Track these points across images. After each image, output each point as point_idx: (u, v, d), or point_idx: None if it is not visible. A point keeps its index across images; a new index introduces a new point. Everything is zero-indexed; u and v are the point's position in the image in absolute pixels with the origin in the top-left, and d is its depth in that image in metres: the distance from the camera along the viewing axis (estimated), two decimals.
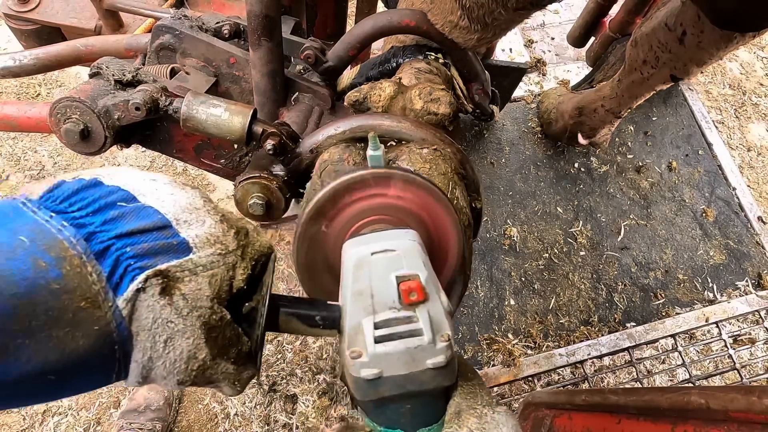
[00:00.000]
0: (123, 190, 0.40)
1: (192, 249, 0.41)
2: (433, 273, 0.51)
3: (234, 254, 0.43)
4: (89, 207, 0.38)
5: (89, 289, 0.35)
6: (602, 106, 1.80)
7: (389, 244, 0.51)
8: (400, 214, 0.61)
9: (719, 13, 1.16)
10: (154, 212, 0.40)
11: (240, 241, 0.45)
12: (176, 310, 0.39)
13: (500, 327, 1.86)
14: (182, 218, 0.41)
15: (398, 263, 0.49)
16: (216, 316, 0.41)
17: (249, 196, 0.79)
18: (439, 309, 0.48)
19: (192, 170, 2.08)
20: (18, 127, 0.99)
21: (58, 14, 1.35)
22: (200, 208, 0.43)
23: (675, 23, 1.29)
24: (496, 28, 0.93)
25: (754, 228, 2.14)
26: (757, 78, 2.61)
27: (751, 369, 1.91)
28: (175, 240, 0.40)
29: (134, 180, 0.42)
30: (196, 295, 0.40)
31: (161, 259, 0.39)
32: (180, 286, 0.39)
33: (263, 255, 0.48)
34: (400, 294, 0.47)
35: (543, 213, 2.07)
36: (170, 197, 0.42)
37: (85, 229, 0.37)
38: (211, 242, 0.42)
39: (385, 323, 0.46)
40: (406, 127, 0.78)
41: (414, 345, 0.45)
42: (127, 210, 0.39)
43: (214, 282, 0.41)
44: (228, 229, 0.44)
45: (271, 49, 0.85)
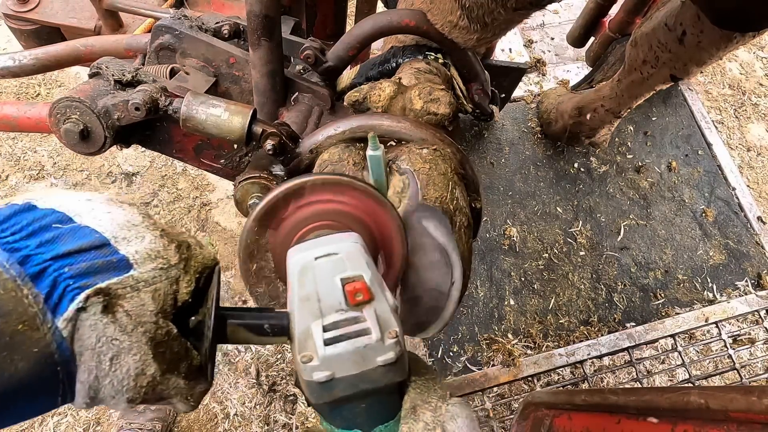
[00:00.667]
0: (58, 211, 0.40)
1: (132, 265, 0.40)
2: (377, 272, 0.52)
3: (176, 268, 0.43)
4: (23, 231, 0.38)
5: (25, 311, 0.34)
6: (602, 106, 1.80)
7: (332, 248, 0.52)
8: (342, 219, 0.61)
9: (719, 12, 1.16)
10: (91, 231, 0.40)
11: (182, 254, 0.44)
12: (120, 327, 0.38)
13: (500, 327, 1.86)
14: (120, 235, 0.41)
15: (342, 266, 0.50)
16: (162, 330, 0.41)
17: (249, 196, 0.79)
18: (385, 307, 0.48)
19: (192, 170, 2.08)
20: (18, 127, 0.99)
21: (58, 14, 1.35)
22: (139, 224, 0.43)
23: (675, 23, 1.30)
24: (496, 28, 0.93)
25: (753, 228, 2.14)
26: (756, 78, 2.61)
27: (750, 369, 1.91)
28: (115, 257, 0.40)
29: (69, 201, 0.41)
30: (139, 311, 0.40)
31: (101, 277, 0.38)
32: (122, 302, 0.39)
33: (207, 268, 0.48)
34: (345, 295, 0.48)
35: (543, 213, 2.07)
36: (107, 216, 0.42)
37: (19, 252, 0.36)
38: (152, 257, 0.42)
39: (333, 325, 0.46)
40: (405, 127, 0.78)
41: (363, 344, 0.46)
42: (63, 231, 0.39)
43: (158, 296, 0.41)
44: (169, 243, 0.44)
45: (270, 49, 0.85)
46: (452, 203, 0.73)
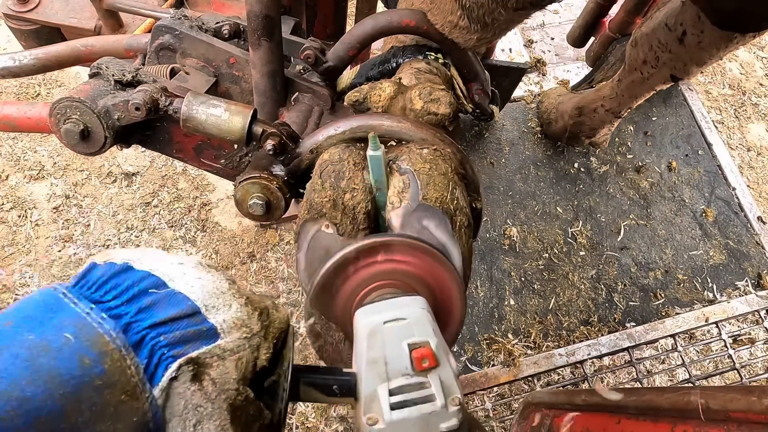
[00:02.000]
0: (153, 275, 0.42)
1: (220, 334, 0.42)
2: (442, 339, 0.53)
3: (258, 336, 0.45)
4: (123, 295, 0.40)
5: (128, 381, 0.37)
6: (602, 106, 1.80)
7: (400, 312, 0.53)
8: (406, 279, 0.63)
9: (719, 13, 1.16)
10: (184, 298, 0.42)
11: (263, 322, 0.47)
12: (205, 395, 0.40)
13: (500, 327, 1.86)
14: (210, 303, 0.43)
15: (409, 331, 0.52)
16: (241, 396, 0.43)
17: (249, 196, 0.79)
18: (449, 373, 0.50)
19: (192, 170, 2.08)
20: (18, 127, 0.99)
21: (58, 14, 1.35)
22: (226, 292, 0.45)
23: (675, 23, 1.30)
24: (496, 28, 0.93)
25: (753, 228, 2.14)
26: (756, 78, 2.61)
27: (750, 369, 1.91)
28: (205, 326, 0.42)
29: (163, 264, 0.43)
30: (223, 379, 0.42)
31: (192, 347, 0.41)
32: (209, 371, 0.41)
33: (283, 331, 0.50)
34: (412, 361, 0.49)
35: (543, 213, 2.07)
36: (198, 282, 0.44)
37: (122, 320, 0.39)
38: (238, 326, 0.44)
39: (399, 390, 0.48)
40: (406, 128, 0.78)
41: (428, 411, 0.47)
42: (159, 297, 0.41)
43: (240, 365, 0.43)
44: (252, 311, 0.46)
45: (271, 49, 0.85)
46: (452, 203, 0.73)
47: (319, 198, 0.73)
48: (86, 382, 0.35)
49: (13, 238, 1.90)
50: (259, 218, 0.81)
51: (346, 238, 0.73)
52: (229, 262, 1.95)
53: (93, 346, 0.36)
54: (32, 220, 1.94)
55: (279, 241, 1.96)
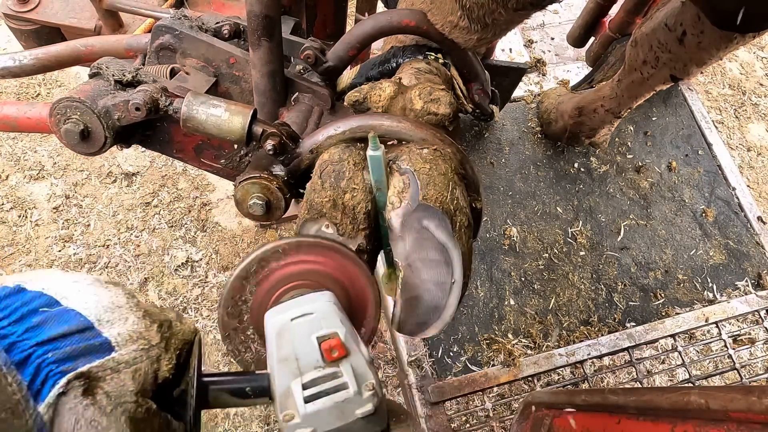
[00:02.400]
0: (45, 294, 0.42)
1: (114, 348, 0.42)
2: (351, 328, 0.54)
3: (158, 347, 0.45)
4: (11, 316, 0.39)
5: (9, 399, 0.36)
6: (602, 106, 1.80)
7: (307, 308, 0.55)
8: (316, 278, 0.64)
9: (719, 13, 1.16)
10: (76, 315, 0.41)
11: (163, 334, 0.46)
12: (100, 409, 0.39)
13: (500, 327, 1.86)
14: (104, 318, 0.43)
15: (317, 324, 0.53)
16: (141, 408, 0.42)
17: (249, 196, 0.79)
18: (360, 361, 0.51)
19: (192, 170, 2.08)
20: (18, 127, 0.99)
21: (58, 14, 1.35)
22: (123, 306, 0.45)
23: (675, 23, 1.30)
24: (496, 28, 0.93)
25: (753, 228, 2.14)
26: (756, 78, 2.62)
27: (750, 369, 1.91)
28: (97, 341, 0.41)
29: (57, 283, 0.43)
30: (119, 392, 0.41)
31: (82, 361, 0.40)
32: (102, 384, 0.40)
33: (188, 342, 0.50)
34: (322, 353, 0.50)
35: (543, 213, 2.07)
36: (93, 297, 0.43)
37: (6, 339, 0.38)
38: (134, 338, 0.43)
39: (312, 383, 0.48)
40: (406, 128, 0.78)
41: (342, 398, 0.48)
42: (50, 315, 0.40)
43: (138, 376, 0.42)
44: (151, 323, 0.46)
45: (271, 49, 0.85)
46: (452, 203, 0.73)
47: (319, 198, 0.73)
48: None
49: (13, 238, 1.90)
50: (259, 218, 0.81)
51: (346, 238, 0.73)
52: (229, 262, 1.95)
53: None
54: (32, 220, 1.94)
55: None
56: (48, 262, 1.87)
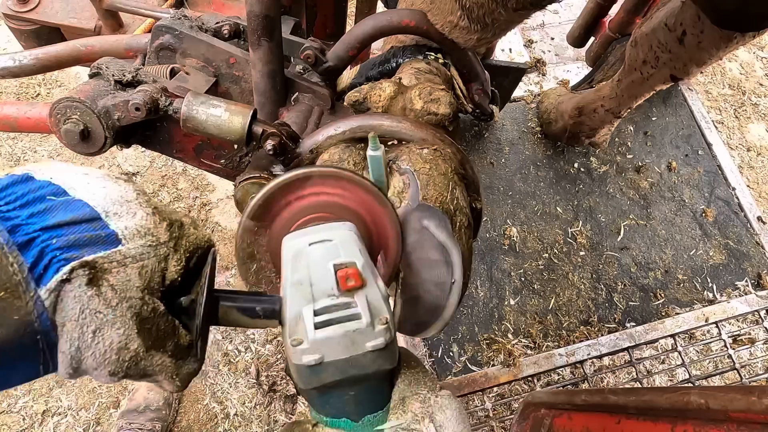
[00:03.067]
0: (53, 184, 0.40)
1: (121, 240, 0.41)
2: (369, 260, 0.52)
3: (166, 246, 0.44)
4: (17, 201, 0.38)
5: (9, 279, 0.35)
6: (602, 106, 1.80)
7: (326, 234, 0.53)
8: (339, 211, 0.62)
9: (719, 12, 1.16)
10: (83, 205, 0.40)
11: (173, 233, 0.45)
12: (105, 301, 0.39)
13: (500, 327, 1.86)
14: (112, 210, 0.41)
15: (335, 252, 0.51)
16: (148, 307, 0.41)
17: (249, 196, 0.79)
18: (376, 294, 0.49)
19: (192, 170, 2.08)
20: (18, 127, 0.99)
21: (58, 14, 1.35)
22: (132, 200, 0.43)
23: (675, 23, 1.30)
24: (496, 28, 0.93)
25: (753, 228, 2.14)
26: (756, 78, 2.62)
27: (750, 369, 1.91)
28: (104, 232, 0.40)
29: (65, 174, 0.42)
30: (125, 286, 0.40)
31: (88, 251, 0.39)
32: (108, 277, 0.39)
33: (200, 248, 0.48)
34: (337, 281, 0.48)
35: (543, 213, 2.07)
36: (102, 190, 0.42)
37: (9, 222, 0.37)
38: (141, 234, 0.42)
39: (324, 310, 0.47)
40: (406, 128, 0.78)
41: (353, 328, 0.46)
42: (56, 203, 0.39)
43: (144, 273, 0.41)
44: (160, 221, 0.44)
45: (271, 49, 0.85)
46: (452, 203, 0.73)
47: None
48: None
49: None
50: None
51: None
52: (229, 262, 1.95)
53: None
54: None
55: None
56: None
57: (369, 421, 0.49)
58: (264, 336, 1.83)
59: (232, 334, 1.83)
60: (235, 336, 1.83)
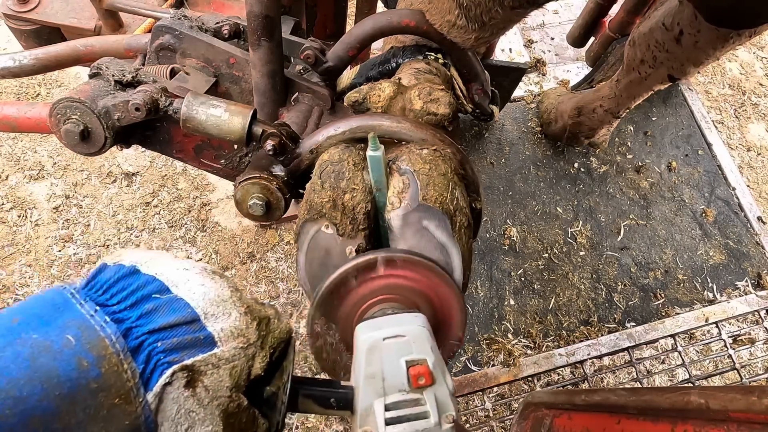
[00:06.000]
0: (158, 280, 0.43)
1: (216, 343, 0.44)
2: (440, 357, 0.54)
3: (254, 346, 0.47)
4: (128, 299, 0.41)
5: (123, 385, 0.38)
6: (600, 107, 1.80)
7: (399, 329, 0.55)
8: (407, 293, 0.64)
9: (713, 10, 1.15)
10: (185, 305, 0.43)
11: (261, 331, 0.48)
12: (198, 401, 0.42)
13: (500, 327, 1.86)
14: (210, 311, 0.44)
15: (408, 348, 0.53)
16: (234, 403, 0.44)
17: (249, 196, 0.79)
18: (444, 392, 0.51)
19: (192, 170, 2.08)
20: (18, 127, 0.99)
21: (58, 14, 1.35)
22: (227, 300, 0.46)
23: (672, 23, 1.29)
24: (494, 27, 0.93)
25: (753, 228, 2.14)
26: (756, 78, 2.61)
27: (750, 369, 1.91)
28: (202, 334, 0.43)
29: (169, 269, 0.45)
30: (217, 386, 0.43)
31: (188, 354, 0.42)
32: (203, 378, 0.42)
33: (282, 342, 0.51)
34: (409, 378, 0.51)
35: (543, 213, 2.07)
36: (200, 288, 0.45)
37: (123, 324, 0.40)
38: (235, 335, 0.45)
39: (394, 405, 0.49)
40: (405, 128, 0.78)
41: (422, 427, 0.48)
42: (161, 303, 0.42)
43: (235, 373, 0.44)
44: (251, 321, 0.47)
45: (271, 49, 0.85)
46: (452, 203, 0.73)
47: (319, 198, 0.73)
48: (82, 384, 0.35)
49: (13, 238, 1.90)
50: (259, 218, 0.81)
51: (345, 238, 0.73)
52: (229, 262, 1.95)
53: (92, 349, 0.37)
54: (32, 220, 1.94)
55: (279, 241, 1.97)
56: (48, 262, 1.87)
57: None
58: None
59: None
60: None
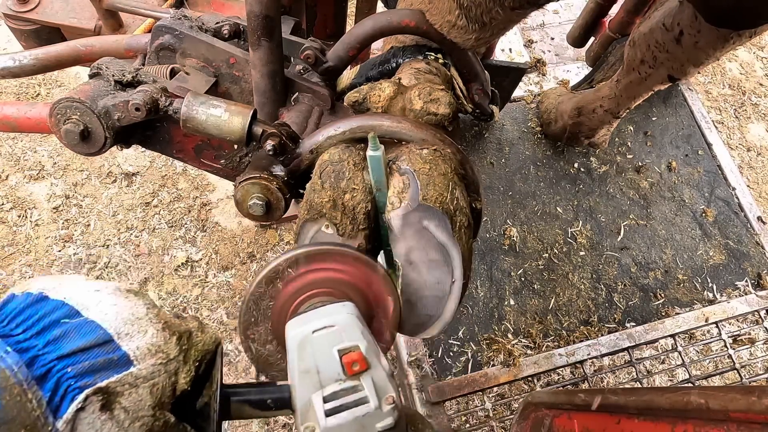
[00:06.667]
0: (67, 304, 0.42)
1: (132, 362, 0.42)
2: (372, 341, 0.54)
3: (176, 360, 0.45)
4: (33, 327, 0.40)
5: (28, 416, 0.36)
6: (600, 107, 1.80)
7: (328, 320, 0.54)
8: (336, 286, 0.64)
9: (713, 11, 1.15)
10: (96, 327, 0.42)
11: (182, 346, 0.46)
12: (117, 423, 0.40)
13: (500, 327, 1.86)
14: (123, 331, 0.43)
15: (339, 337, 0.53)
16: (159, 422, 0.43)
17: (249, 196, 0.79)
18: (381, 375, 0.51)
19: (192, 170, 2.08)
20: (18, 127, 0.99)
21: (58, 14, 1.35)
22: (142, 317, 0.45)
23: (672, 23, 1.30)
24: (494, 27, 0.93)
25: (753, 228, 2.14)
26: (756, 78, 2.62)
27: (750, 369, 1.91)
28: (116, 355, 0.42)
29: (78, 293, 0.43)
30: (137, 406, 0.41)
31: (101, 376, 0.40)
32: (120, 399, 0.41)
33: (208, 353, 0.50)
34: (343, 366, 0.50)
35: (543, 213, 2.07)
36: (112, 308, 0.43)
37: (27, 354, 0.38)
38: (152, 352, 0.44)
39: (332, 396, 0.49)
40: (405, 128, 0.78)
41: (362, 413, 0.48)
42: (70, 327, 0.41)
43: (156, 390, 0.43)
44: (170, 336, 0.46)
45: (271, 49, 0.85)
46: (452, 203, 0.73)
47: (319, 198, 0.73)
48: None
49: (13, 238, 1.90)
50: (259, 218, 0.81)
51: (345, 238, 0.73)
52: (228, 262, 1.95)
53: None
54: (32, 220, 1.94)
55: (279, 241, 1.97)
56: (48, 262, 1.87)
57: None
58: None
59: (233, 334, 1.83)
60: (235, 336, 1.83)
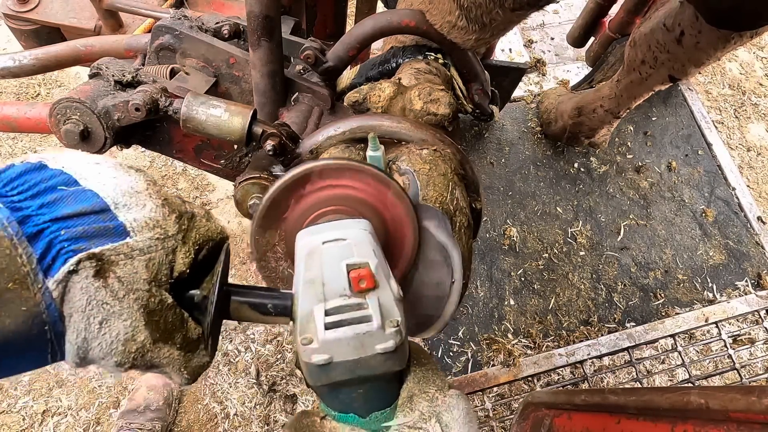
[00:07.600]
0: (65, 173, 0.41)
1: (129, 233, 0.41)
2: (384, 261, 0.52)
3: (174, 238, 0.44)
4: (29, 191, 0.38)
5: (18, 270, 0.35)
6: (601, 107, 1.80)
7: (340, 233, 0.52)
8: (354, 204, 0.61)
9: (714, 12, 1.16)
10: (93, 195, 0.40)
11: (182, 225, 0.45)
12: (112, 293, 0.39)
13: (500, 327, 1.86)
14: (122, 202, 0.41)
15: (349, 252, 0.51)
16: (155, 299, 0.41)
17: (249, 196, 0.79)
18: (389, 296, 0.49)
19: (192, 170, 2.08)
20: (18, 127, 0.99)
21: (58, 14, 1.35)
22: (142, 191, 0.43)
23: (673, 24, 1.30)
24: (494, 28, 0.93)
25: (753, 228, 2.14)
26: (756, 78, 2.61)
27: (750, 369, 1.91)
28: (112, 224, 0.40)
29: (77, 163, 0.42)
30: (132, 278, 0.40)
31: (96, 243, 0.39)
32: (115, 269, 0.39)
33: (210, 240, 0.48)
34: (350, 281, 0.48)
35: (543, 213, 2.07)
36: (112, 180, 0.42)
37: (20, 212, 0.37)
38: (150, 226, 0.42)
39: (335, 310, 0.47)
40: (405, 128, 0.78)
41: (363, 331, 0.46)
42: (66, 194, 0.39)
43: (151, 265, 0.41)
44: (169, 213, 0.44)
45: (271, 50, 0.85)
46: (452, 203, 0.73)
47: None
48: None
49: None
50: None
51: None
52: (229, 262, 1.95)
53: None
54: None
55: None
56: None
57: (376, 418, 0.50)
58: (264, 336, 1.83)
59: (232, 334, 1.83)
60: (235, 336, 1.83)
